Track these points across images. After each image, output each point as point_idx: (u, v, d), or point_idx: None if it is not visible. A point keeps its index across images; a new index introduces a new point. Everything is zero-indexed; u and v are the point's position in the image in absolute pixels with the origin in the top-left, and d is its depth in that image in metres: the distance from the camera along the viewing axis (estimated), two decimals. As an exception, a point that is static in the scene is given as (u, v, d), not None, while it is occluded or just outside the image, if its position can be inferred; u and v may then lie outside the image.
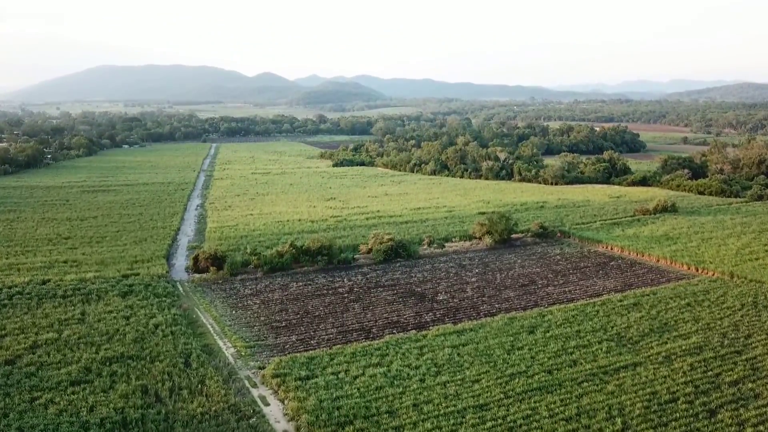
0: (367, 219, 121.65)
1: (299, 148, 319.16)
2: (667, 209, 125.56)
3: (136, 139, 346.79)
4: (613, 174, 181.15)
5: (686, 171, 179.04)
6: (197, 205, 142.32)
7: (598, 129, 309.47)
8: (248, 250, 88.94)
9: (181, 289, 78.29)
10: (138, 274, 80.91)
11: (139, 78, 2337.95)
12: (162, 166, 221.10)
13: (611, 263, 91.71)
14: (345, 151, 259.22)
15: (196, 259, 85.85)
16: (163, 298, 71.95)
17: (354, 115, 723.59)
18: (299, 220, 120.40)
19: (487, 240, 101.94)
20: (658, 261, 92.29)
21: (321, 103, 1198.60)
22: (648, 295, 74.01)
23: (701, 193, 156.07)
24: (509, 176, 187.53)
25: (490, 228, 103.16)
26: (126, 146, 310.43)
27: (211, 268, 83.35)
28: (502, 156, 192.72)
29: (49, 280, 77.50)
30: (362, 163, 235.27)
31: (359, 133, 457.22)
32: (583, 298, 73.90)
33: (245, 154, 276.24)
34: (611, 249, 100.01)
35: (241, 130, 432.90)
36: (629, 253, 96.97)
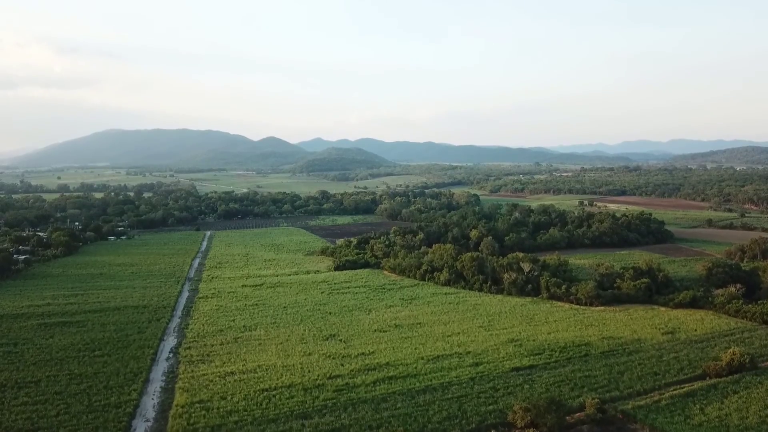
0: (374, 384, 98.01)
1: (299, 238, 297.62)
2: (745, 366, 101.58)
3: (125, 228, 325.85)
4: (654, 290, 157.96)
5: (738, 286, 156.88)
6: (171, 350, 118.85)
7: (620, 217, 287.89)
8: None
9: None
10: None
11: (145, 143, 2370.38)
12: (144, 273, 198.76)
13: (709, 489, 67.23)
14: (348, 248, 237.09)
15: (139, 502, 61.86)
16: None
17: (357, 186, 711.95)
18: (290, 386, 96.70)
19: (534, 438, 77.81)
20: (771, 485, 67.83)
21: (325, 170, 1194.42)
22: None
23: (766, 322, 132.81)
24: (535, 291, 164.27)
25: (536, 419, 79.27)
26: (112, 237, 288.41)
27: None
28: (525, 267, 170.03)
29: None
30: (367, 264, 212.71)
31: (363, 212, 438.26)
32: None
33: (240, 250, 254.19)
34: (699, 453, 75.66)
35: (239, 212, 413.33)
36: (726, 465, 72.61)
